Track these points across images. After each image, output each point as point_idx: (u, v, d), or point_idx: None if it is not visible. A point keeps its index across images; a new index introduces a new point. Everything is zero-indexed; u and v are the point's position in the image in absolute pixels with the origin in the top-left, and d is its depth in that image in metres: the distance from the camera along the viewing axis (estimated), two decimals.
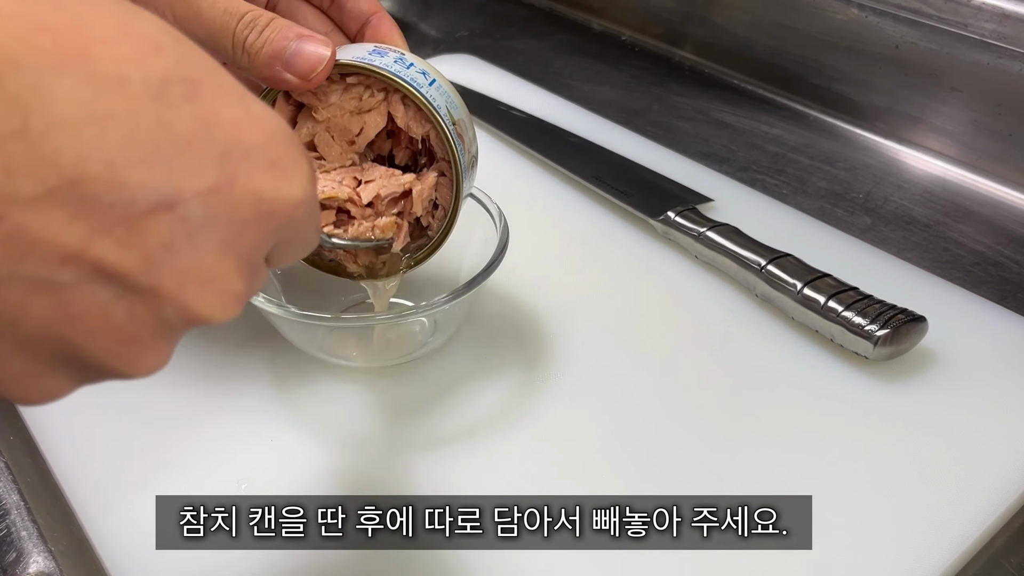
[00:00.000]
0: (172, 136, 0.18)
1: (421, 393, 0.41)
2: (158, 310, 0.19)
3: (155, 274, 0.18)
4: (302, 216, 0.21)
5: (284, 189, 0.20)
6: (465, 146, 0.37)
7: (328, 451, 0.38)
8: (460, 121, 0.37)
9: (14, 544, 0.34)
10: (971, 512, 0.35)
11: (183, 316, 0.19)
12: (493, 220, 0.44)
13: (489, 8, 0.94)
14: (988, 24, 0.59)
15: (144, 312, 0.19)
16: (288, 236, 0.21)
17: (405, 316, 0.39)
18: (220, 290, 0.20)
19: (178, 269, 0.19)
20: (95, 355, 0.19)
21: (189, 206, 0.18)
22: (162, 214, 0.18)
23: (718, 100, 0.73)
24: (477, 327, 0.45)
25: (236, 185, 0.19)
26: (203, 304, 0.19)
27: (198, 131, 0.18)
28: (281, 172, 0.20)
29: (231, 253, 0.19)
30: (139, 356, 0.20)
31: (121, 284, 0.18)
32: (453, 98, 0.38)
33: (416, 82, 0.36)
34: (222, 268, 0.19)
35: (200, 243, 0.19)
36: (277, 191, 0.20)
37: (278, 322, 0.40)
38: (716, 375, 0.42)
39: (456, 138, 0.36)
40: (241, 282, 0.20)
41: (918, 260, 0.52)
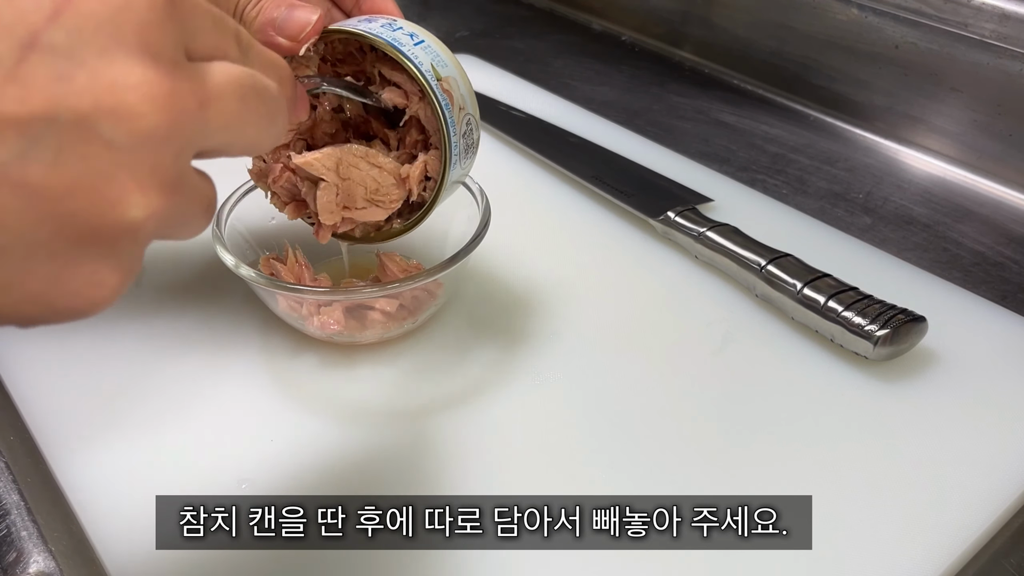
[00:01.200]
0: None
1: (420, 393, 0.41)
2: (99, 136, 0.19)
3: (66, 103, 0.19)
4: None
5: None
6: (454, 104, 0.37)
7: (326, 446, 0.38)
8: (449, 79, 0.37)
9: (14, 544, 0.34)
10: (971, 512, 0.35)
11: (122, 126, 0.20)
12: (475, 199, 0.44)
13: (489, 8, 0.94)
14: (988, 24, 0.59)
15: (92, 149, 0.19)
16: (170, 16, 0.21)
17: (392, 289, 0.39)
18: (133, 84, 0.20)
19: (82, 89, 0.19)
20: (85, 215, 0.19)
21: (48, 35, 0.19)
22: (31, 55, 0.19)
23: (718, 100, 0.73)
24: (476, 326, 0.45)
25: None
26: (126, 104, 0.20)
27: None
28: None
29: (120, 51, 0.20)
30: (123, 192, 0.20)
31: (52, 131, 0.19)
32: (444, 58, 0.38)
33: (398, 41, 0.36)
34: (120, 68, 0.20)
35: (85, 58, 0.19)
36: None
37: (269, 299, 0.41)
38: (716, 375, 0.42)
39: (442, 94, 0.36)
40: (147, 70, 0.20)
41: (918, 260, 0.52)
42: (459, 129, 0.38)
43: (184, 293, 0.46)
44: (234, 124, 0.23)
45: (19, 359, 0.42)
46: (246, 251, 0.43)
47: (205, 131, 0.22)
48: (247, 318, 0.45)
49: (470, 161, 0.40)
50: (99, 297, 0.21)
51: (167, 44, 0.21)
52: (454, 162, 0.38)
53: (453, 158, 0.38)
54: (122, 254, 0.21)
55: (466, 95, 0.39)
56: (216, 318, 0.45)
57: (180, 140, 0.21)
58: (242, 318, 0.45)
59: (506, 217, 0.45)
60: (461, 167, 0.39)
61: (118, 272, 0.21)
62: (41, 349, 0.43)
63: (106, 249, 0.20)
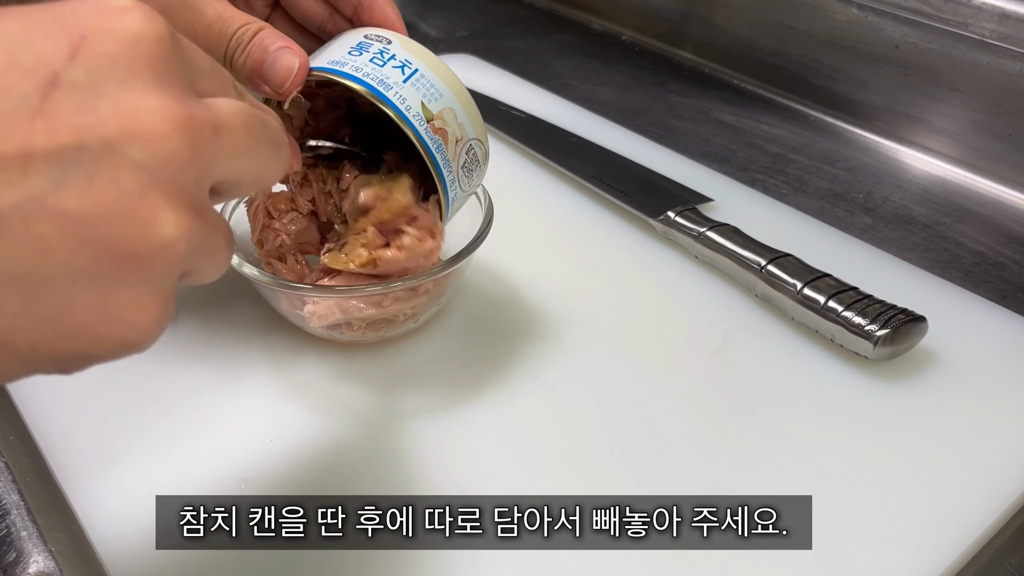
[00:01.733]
0: (11, 40, 0.20)
1: (421, 393, 0.41)
2: (127, 159, 0.20)
3: (93, 132, 0.20)
4: (164, 29, 0.22)
5: (127, 19, 0.22)
6: (448, 140, 0.36)
7: (326, 446, 0.38)
8: (442, 112, 0.36)
9: (14, 544, 0.34)
10: (971, 512, 0.35)
11: (148, 148, 0.21)
12: (477, 199, 0.44)
13: (489, 8, 0.94)
14: (988, 24, 0.59)
15: (122, 172, 0.20)
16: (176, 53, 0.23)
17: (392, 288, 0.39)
18: (152, 109, 0.21)
19: (106, 118, 0.20)
20: (121, 237, 0.20)
21: (68, 73, 0.20)
22: (54, 92, 0.20)
23: (718, 100, 0.73)
24: (476, 326, 0.45)
25: (88, 38, 0.21)
26: (149, 125, 0.21)
27: (27, 27, 0.20)
28: (115, 10, 0.22)
29: (135, 83, 0.21)
30: (155, 216, 0.21)
31: (82, 159, 0.20)
32: (438, 86, 0.36)
33: (386, 81, 0.35)
34: (138, 96, 0.21)
35: (105, 91, 0.21)
36: (123, 22, 0.21)
37: (269, 295, 0.41)
38: (716, 375, 0.42)
39: (432, 137, 0.36)
40: (164, 97, 0.21)
41: (918, 260, 0.52)
42: (456, 163, 0.37)
43: (185, 293, 0.46)
44: (246, 151, 0.24)
45: None
46: (249, 249, 0.43)
47: (220, 157, 0.23)
48: (248, 318, 0.45)
49: (477, 179, 0.40)
50: (143, 324, 0.22)
51: (177, 75, 0.22)
52: (452, 196, 0.38)
53: (450, 192, 0.37)
54: (159, 279, 0.22)
55: (465, 121, 0.38)
56: (217, 318, 0.45)
57: (200, 164, 0.22)
58: (243, 318, 0.45)
59: (506, 217, 0.45)
60: (464, 191, 0.39)
61: (157, 298, 0.22)
62: None
63: (144, 273, 0.21)
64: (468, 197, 0.41)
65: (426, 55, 0.37)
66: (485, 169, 0.40)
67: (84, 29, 0.21)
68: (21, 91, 0.20)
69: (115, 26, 0.21)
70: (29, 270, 0.20)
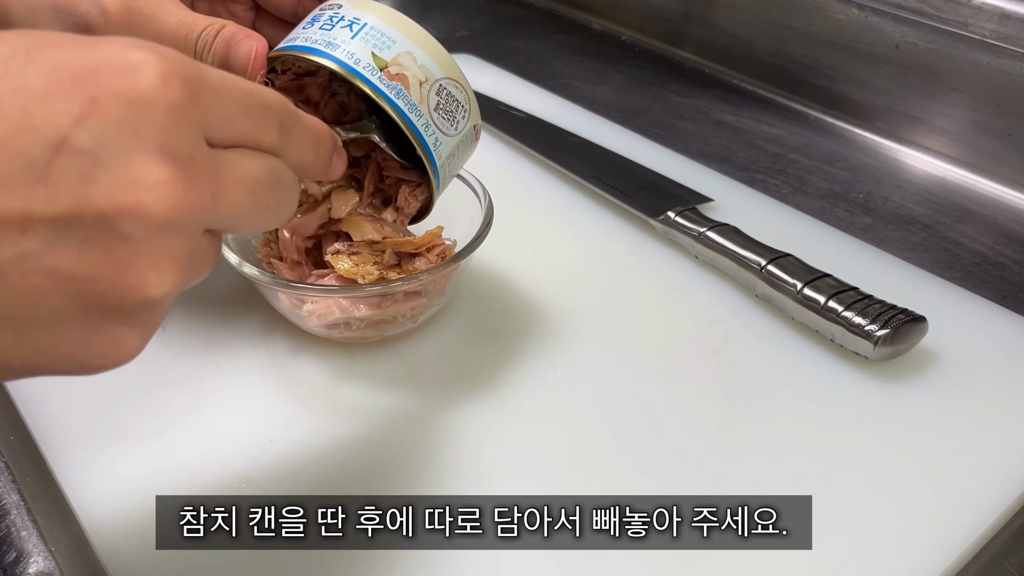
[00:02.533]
0: (28, 96, 0.21)
1: (420, 392, 0.41)
2: (118, 231, 0.21)
3: (90, 204, 0.21)
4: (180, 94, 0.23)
5: (140, 81, 0.22)
6: (409, 84, 0.36)
7: (326, 446, 0.38)
8: (398, 58, 0.36)
9: (14, 544, 0.34)
10: (971, 512, 0.35)
11: (139, 223, 0.22)
12: (478, 198, 0.44)
13: (489, 8, 0.94)
14: (988, 24, 0.59)
15: (112, 241, 0.21)
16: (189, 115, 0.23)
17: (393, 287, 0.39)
18: (149, 185, 0.22)
19: (103, 190, 0.21)
20: (109, 296, 0.22)
21: (75, 139, 0.21)
22: (59, 156, 0.21)
23: (718, 100, 0.73)
24: (475, 326, 0.45)
25: (99, 101, 0.21)
26: (141, 203, 0.21)
27: (46, 80, 0.21)
28: (131, 69, 0.22)
29: (138, 155, 0.22)
30: (141, 277, 0.22)
31: (77, 226, 0.21)
32: (389, 34, 0.36)
33: (333, 42, 0.35)
34: (138, 168, 0.22)
35: (107, 160, 0.21)
36: (135, 85, 0.22)
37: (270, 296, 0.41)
38: (716, 375, 0.42)
39: (386, 83, 0.35)
40: (163, 170, 0.22)
41: (918, 260, 0.52)
42: (426, 105, 0.36)
43: (185, 292, 0.46)
44: (244, 213, 0.25)
45: None
46: (249, 249, 0.43)
47: (216, 217, 0.24)
48: (248, 318, 0.45)
49: (463, 120, 0.39)
50: (123, 356, 0.24)
51: (184, 142, 0.23)
52: (434, 140, 0.37)
53: (426, 135, 0.37)
54: (143, 322, 0.24)
55: (429, 63, 0.37)
56: (217, 318, 0.45)
57: (192, 227, 0.23)
58: (243, 318, 0.45)
59: (506, 217, 0.45)
60: (448, 134, 0.38)
61: (139, 335, 0.24)
62: None
63: (128, 319, 0.23)
64: (464, 143, 0.40)
65: (377, 8, 0.37)
66: (472, 111, 0.39)
67: (97, 90, 0.21)
68: (29, 155, 0.20)
69: (127, 89, 0.22)
70: (23, 314, 0.21)
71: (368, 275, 0.39)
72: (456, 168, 0.41)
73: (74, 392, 0.40)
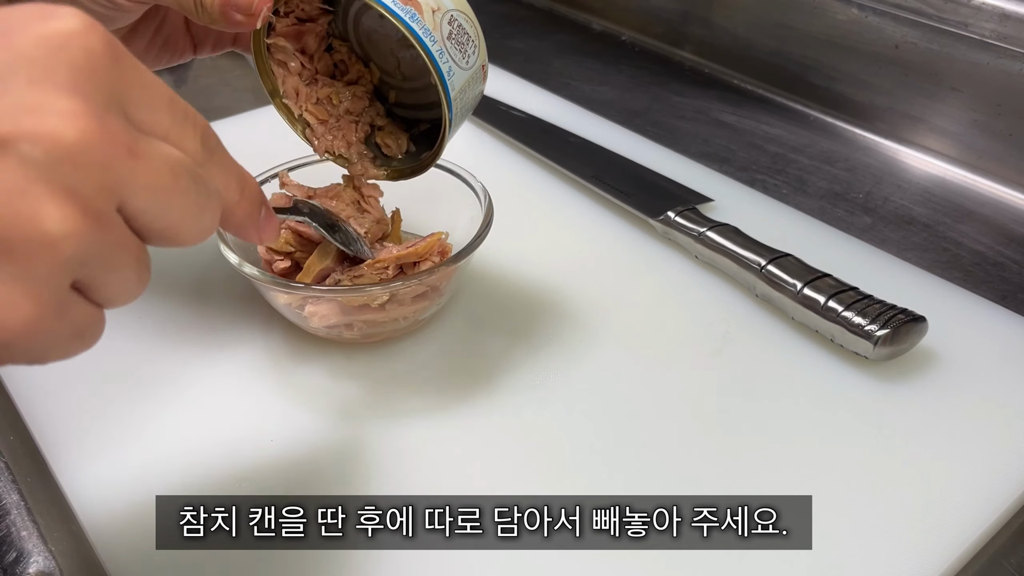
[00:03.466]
0: None
1: (420, 392, 0.41)
2: (16, 153, 0.20)
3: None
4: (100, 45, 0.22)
5: (59, 23, 0.21)
6: (423, 9, 0.35)
7: (327, 446, 0.38)
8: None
9: (14, 544, 0.34)
10: (971, 512, 0.35)
11: (40, 146, 0.20)
12: (478, 198, 0.44)
13: (489, 8, 0.94)
14: (988, 24, 0.59)
15: (8, 163, 0.20)
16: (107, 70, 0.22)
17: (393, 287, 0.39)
18: (54, 111, 0.20)
19: (4, 112, 0.20)
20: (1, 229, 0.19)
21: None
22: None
23: (718, 100, 0.73)
24: (475, 327, 0.45)
25: (11, 35, 0.21)
26: (45, 126, 0.20)
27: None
28: (51, 14, 0.21)
29: (48, 83, 0.21)
30: (37, 206, 0.20)
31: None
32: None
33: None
34: (46, 96, 0.20)
35: (10, 87, 0.20)
36: (54, 26, 0.21)
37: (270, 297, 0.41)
38: (716, 375, 0.42)
39: (399, 5, 0.35)
40: (72, 100, 0.21)
41: (918, 260, 0.52)
42: (439, 32, 0.36)
43: (185, 292, 0.46)
44: (160, 194, 0.23)
45: None
46: (249, 249, 0.43)
47: (129, 183, 0.22)
48: (248, 318, 0.45)
49: (473, 56, 0.38)
50: (13, 324, 0.20)
51: (100, 91, 0.21)
52: (448, 70, 0.36)
53: (442, 64, 0.36)
54: (38, 280, 0.20)
55: None
56: (217, 318, 0.45)
57: (104, 175, 0.21)
58: (243, 318, 0.45)
59: (506, 217, 0.45)
60: (460, 67, 0.37)
61: (34, 300, 0.20)
62: None
63: (19, 268, 0.20)
64: (474, 81, 0.39)
65: None
66: (481, 48, 0.39)
67: (12, 27, 0.21)
68: None
69: (44, 29, 0.21)
70: None
71: (379, 298, 0.39)
72: (468, 106, 0.40)
73: (74, 392, 0.40)
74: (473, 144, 0.61)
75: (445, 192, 0.45)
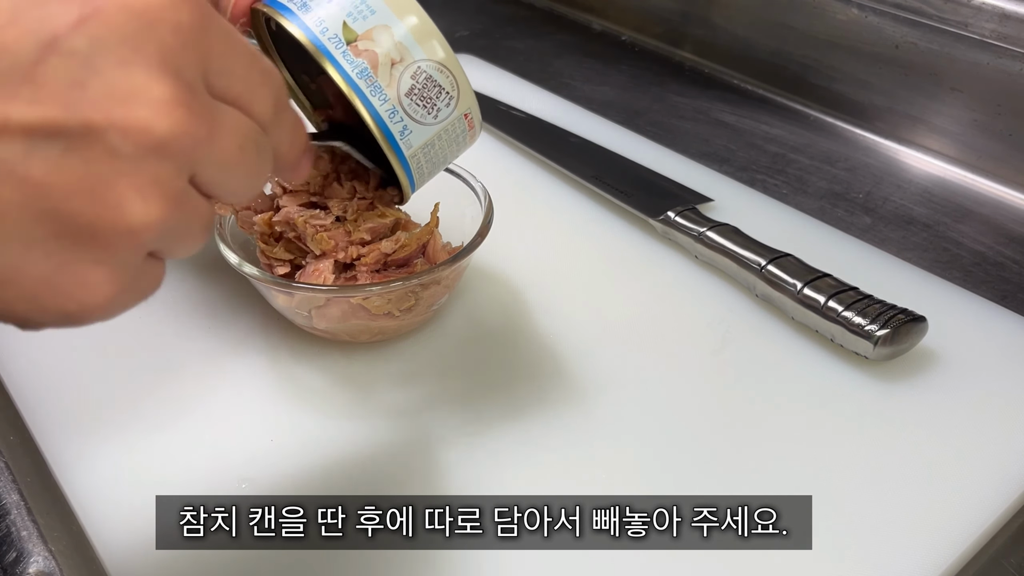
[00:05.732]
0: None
1: (420, 392, 0.41)
2: (105, 144, 0.20)
3: (77, 111, 0.19)
4: (189, 18, 0.21)
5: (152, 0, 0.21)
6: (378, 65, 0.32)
7: (326, 446, 0.38)
8: (371, 31, 0.32)
9: (14, 544, 0.34)
10: (971, 512, 0.35)
11: (130, 139, 0.20)
12: (478, 198, 0.44)
13: (489, 8, 0.94)
14: (988, 24, 0.59)
15: (96, 154, 0.20)
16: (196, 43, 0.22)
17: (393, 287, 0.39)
18: (146, 99, 0.20)
19: (95, 98, 0.19)
20: (85, 216, 0.20)
21: (70, 41, 0.19)
22: (50, 57, 0.19)
23: (718, 100, 0.73)
24: (475, 327, 0.45)
25: (102, 9, 0.20)
26: (137, 118, 0.20)
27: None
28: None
29: (139, 66, 0.20)
30: (123, 198, 0.20)
31: (58, 136, 0.19)
32: (372, 5, 0.32)
33: (309, 1, 0.32)
34: (137, 81, 0.20)
35: (101, 68, 0.20)
36: (144, 1, 0.21)
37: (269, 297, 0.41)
38: (716, 375, 0.42)
39: (348, 58, 0.32)
40: (164, 85, 0.20)
41: (918, 260, 0.52)
42: (395, 88, 0.33)
43: (185, 292, 0.46)
44: (230, 166, 0.23)
45: (20, 359, 0.42)
46: (249, 249, 0.43)
47: (206, 161, 0.22)
48: (248, 318, 0.45)
49: (447, 108, 0.35)
50: (90, 302, 0.21)
51: (188, 68, 0.21)
52: (401, 129, 0.34)
53: (396, 125, 0.33)
54: (119, 262, 0.21)
55: (409, 41, 0.33)
56: (217, 318, 0.45)
57: (186, 157, 0.21)
58: (243, 318, 0.45)
59: (506, 217, 0.45)
60: (424, 123, 0.34)
61: (113, 281, 0.21)
62: (42, 350, 0.43)
63: (103, 253, 0.20)
64: (449, 133, 0.36)
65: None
66: (461, 99, 0.35)
67: (103, 1, 0.20)
68: (16, 52, 0.19)
69: (136, 3, 0.20)
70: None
71: (383, 307, 0.39)
72: (441, 157, 0.37)
73: (75, 392, 0.40)
74: (473, 144, 0.61)
75: (445, 192, 0.45)
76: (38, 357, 0.42)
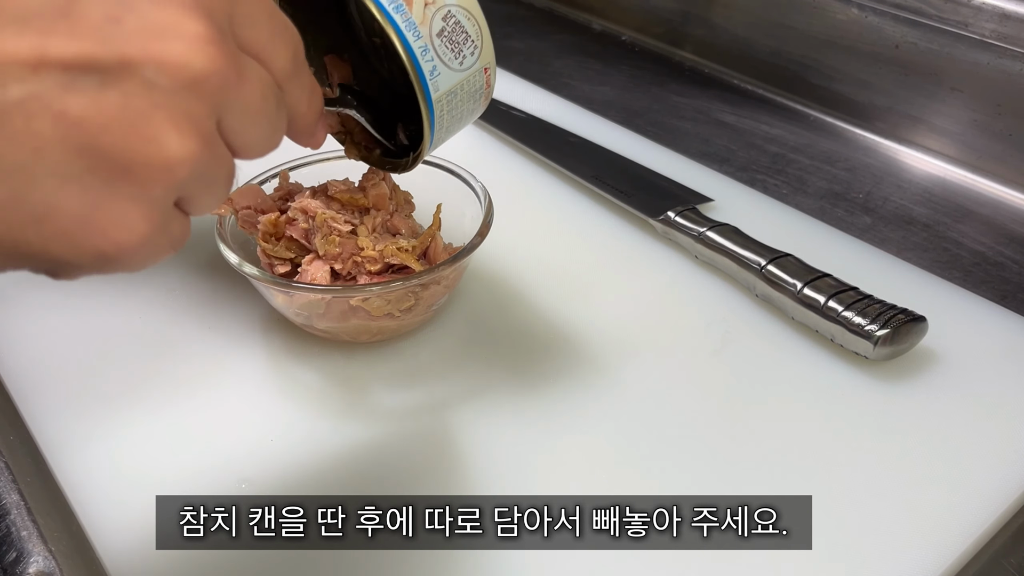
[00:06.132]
0: None
1: (420, 392, 0.41)
2: (141, 78, 0.20)
3: (114, 45, 0.20)
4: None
5: None
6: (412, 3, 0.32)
7: (326, 446, 0.38)
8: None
9: (14, 544, 0.34)
10: (971, 512, 0.35)
11: (166, 73, 0.20)
12: (478, 198, 0.44)
13: (489, 8, 0.94)
14: (988, 24, 0.59)
15: (133, 87, 0.20)
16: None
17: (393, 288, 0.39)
18: (180, 34, 0.20)
19: (131, 33, 0.20)
20: (121, 150, 0.20)
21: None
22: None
23: (718, 100, 0.73)
24: (474, 327, 0.45)
25: None
26: (173, 52, 0.20)
27: None
28: None
29: (172, 4, 0.21)
30: (159, 131, 0.20)
31: (95, 70, 0.19)
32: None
33: None
34: (171, 17, 0.20)
35: (136, 4, 0.20)
36: None
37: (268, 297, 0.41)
38: (716, 375, 0.42)
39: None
40: (198, 23, 0.21)
41: (918, 260, 0.52)
42: (427, 27, 0.33)
43: (185, 292, 0.46)
44: (253, 114, 0.23)
45: (20, 359, 0.42)
46: (249, 248, 0.43)
47: (233, 105, 0.22)
48: (248, 318, 0.45)
49: (471, 56, 0.35)
50: (126, 241, 0.21)
51: (221, 11, 0.22)
52: (431, 68, 0.33)
53: (422, 62, 0.33)
54: (152, 200, 0.21)
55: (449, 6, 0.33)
56: (217, 318, 0.45)
57: (216, 98, 0.22)
58: (243, 318, 0.45)
59: (506, 217, 0.45)
60: (451, 68, 0.34)
61: (146, 219, 0.21)
62: (42, 349, 0.43)
63: (137, 189, 0.21)
64: (470, 84, 0.36)
65: None
66: (484, 50, 0.35)
67: None
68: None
69: None
70: (22, 165, 0.19)
71: (384, 308, 0.39)
72: (460, 112, 0.37)
73: (74, 392, 0.40)
74: (473, 144, 0.61)
75: (445, 192, 0.45)
76: (38, 357, 0.42)
